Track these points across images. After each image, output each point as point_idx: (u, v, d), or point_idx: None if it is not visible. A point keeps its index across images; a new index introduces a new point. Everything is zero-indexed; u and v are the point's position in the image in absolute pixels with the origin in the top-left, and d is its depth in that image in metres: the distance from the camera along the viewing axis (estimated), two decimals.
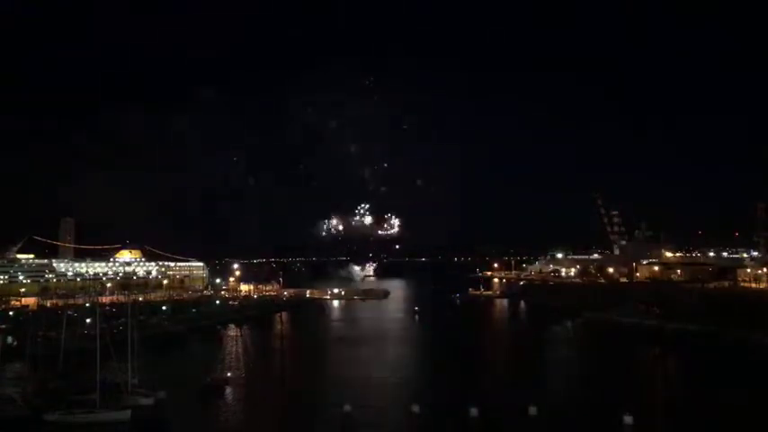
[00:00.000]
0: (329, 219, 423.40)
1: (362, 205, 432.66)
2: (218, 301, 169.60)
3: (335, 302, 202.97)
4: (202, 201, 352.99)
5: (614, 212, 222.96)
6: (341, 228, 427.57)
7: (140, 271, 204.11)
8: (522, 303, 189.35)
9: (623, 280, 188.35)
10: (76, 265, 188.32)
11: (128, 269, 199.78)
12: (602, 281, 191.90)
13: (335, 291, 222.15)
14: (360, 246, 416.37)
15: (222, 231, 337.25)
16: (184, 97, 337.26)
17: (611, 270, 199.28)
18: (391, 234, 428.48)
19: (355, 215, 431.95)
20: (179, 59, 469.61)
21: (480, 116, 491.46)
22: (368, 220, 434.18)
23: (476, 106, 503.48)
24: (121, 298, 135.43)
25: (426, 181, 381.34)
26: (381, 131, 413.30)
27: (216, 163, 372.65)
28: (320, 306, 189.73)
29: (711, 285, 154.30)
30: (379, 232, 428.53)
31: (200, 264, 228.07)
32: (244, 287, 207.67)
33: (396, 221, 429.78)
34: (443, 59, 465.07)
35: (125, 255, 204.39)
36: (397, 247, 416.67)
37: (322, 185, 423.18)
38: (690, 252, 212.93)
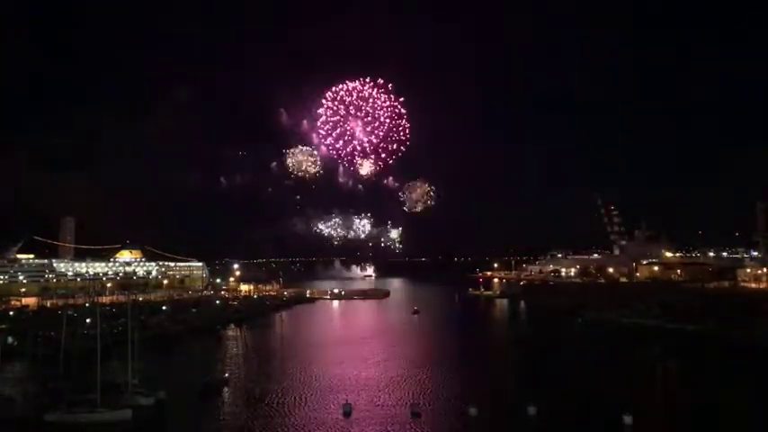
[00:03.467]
0: (329, 219, 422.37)
1: (362, 206, 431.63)
2: (218, 301, 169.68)
3: (335, 302, 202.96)
4: (202, 201, 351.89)
5: (614, 212, 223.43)
6: (341, 228, 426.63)
7: (140, 271, 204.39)
8: (523, 303, 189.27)
9: (623, 280, 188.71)
10: (76, 265, 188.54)
11: (128, 269, 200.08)
12: (603, 281, 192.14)
13: (335, 291, 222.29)
14: (359, 246, 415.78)
15: (222, 231, 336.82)
16: (182, 96, 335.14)
17: (611, 270, 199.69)
18: (391, 234, 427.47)
19: (355, 215, 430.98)
20: (178, 57, 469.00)
21: (480, 115, 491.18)
22: (368, 220, 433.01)
23: (476, 104, 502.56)
24: (121, 298, 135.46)
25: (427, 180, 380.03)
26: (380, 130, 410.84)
27: (215, 163, 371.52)
28: (320, 306, 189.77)
29: (711, 285, 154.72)
30: (380, 231, 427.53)
31: (200, 264, 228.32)
32: (244, 287, 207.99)
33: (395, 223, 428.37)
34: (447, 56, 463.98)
35: (125, 255, 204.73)
36: (397, 248, 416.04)
37: (321, 185, 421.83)
38: (690, 252, 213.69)
